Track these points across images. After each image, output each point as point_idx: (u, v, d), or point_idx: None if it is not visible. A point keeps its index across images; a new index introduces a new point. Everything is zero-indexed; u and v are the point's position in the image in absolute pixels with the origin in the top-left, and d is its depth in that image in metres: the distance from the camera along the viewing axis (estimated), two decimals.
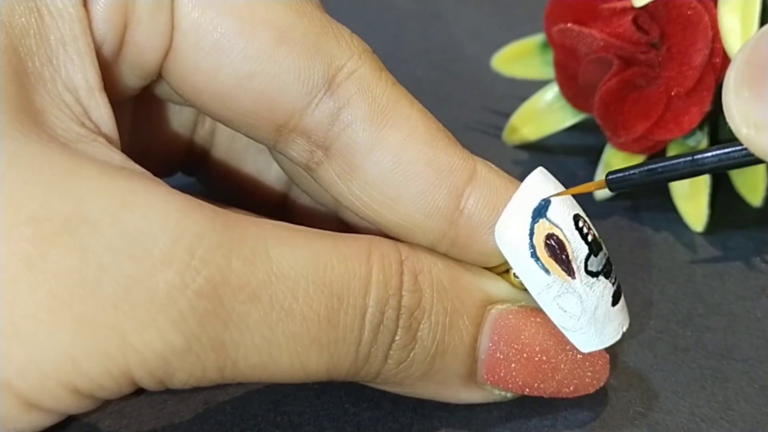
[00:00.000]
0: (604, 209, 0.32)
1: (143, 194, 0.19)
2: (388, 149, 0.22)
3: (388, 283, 0.21)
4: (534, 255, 0.22)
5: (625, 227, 0.32)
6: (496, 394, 0.24)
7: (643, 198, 0.33)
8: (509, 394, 0.24)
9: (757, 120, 0.18)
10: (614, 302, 0.23)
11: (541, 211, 0.22)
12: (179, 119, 0.27)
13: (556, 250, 0.22)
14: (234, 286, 0.19)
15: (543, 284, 0.22)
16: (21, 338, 0.18)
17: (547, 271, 0.22)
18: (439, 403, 0.24)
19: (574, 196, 0.23)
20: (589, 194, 0.33)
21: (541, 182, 0.22)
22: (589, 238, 0.22)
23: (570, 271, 0.22)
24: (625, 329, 0.23)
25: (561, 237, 0.22)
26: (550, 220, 0.22)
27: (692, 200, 0.31)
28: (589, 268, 0.22)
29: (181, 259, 0.19)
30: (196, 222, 0.19)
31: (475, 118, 0.38)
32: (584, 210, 0.23)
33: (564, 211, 0.22)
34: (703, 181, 0.31)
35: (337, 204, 0.25)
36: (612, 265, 0.23)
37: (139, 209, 0.19)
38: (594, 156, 0.33)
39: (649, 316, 0.28)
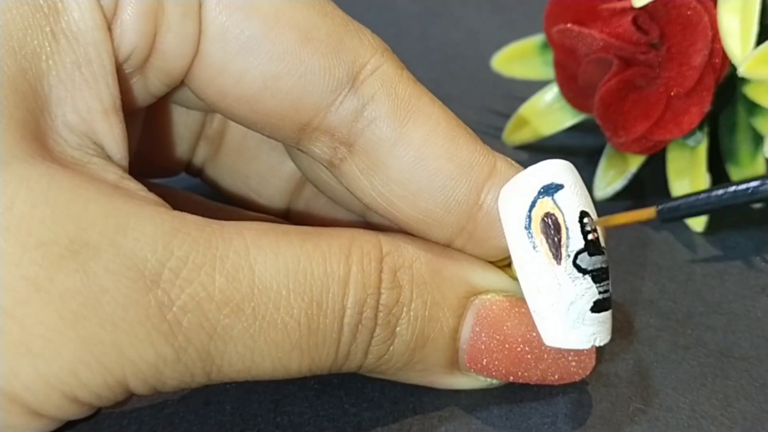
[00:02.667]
0: (605, 209, 0.32)
1: (135, 216, 0.20)
2: (411, 145, 0.22)
3: (366, 283, 0.22)
4: (528, 227, 0.22)
5: (624, 227, 0.31)
6: (482, 380, 0.24)
7: (642, 198, 0.33)
8: (495, 381, 0.24)
9: None
10: (595, 309, 0.22)
11: (549, 190, 0.22)
12: (186, 120, 0.27)
13: (551, 229, 0.22)
14: (218, 301, 0.20)
15: (527, 258, 0.22)
16: (30, 356, 0.19)
17: (534, 246, 0.22)
18: (438, 403, 0.24)
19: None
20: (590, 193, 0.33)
21: (561, 170, 0.22)
22: (590, 236, 0.22)
23: (557, 256, 0.22)
24: (599, 343, 0.22)
25: (560, 220, 0.22)
26: (555, 202, 0.22)
27: None
28: (578, 263, 0.22)
29: (167, 279, 0.20)
30: (181, 243, 0.20)
31: (474, 118, 0.38)
32: None
33: (573, 201, 0.22)
34: (703, 182, 0.31)
35: (352, 202, 0.26)
36: (608, 276, 0.23)
37: (132, 233, 0.20)
38: (594, 156, 0.34)
39: (650, 314, 0.28)
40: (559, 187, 0.22)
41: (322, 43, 0.22)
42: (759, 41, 0.28)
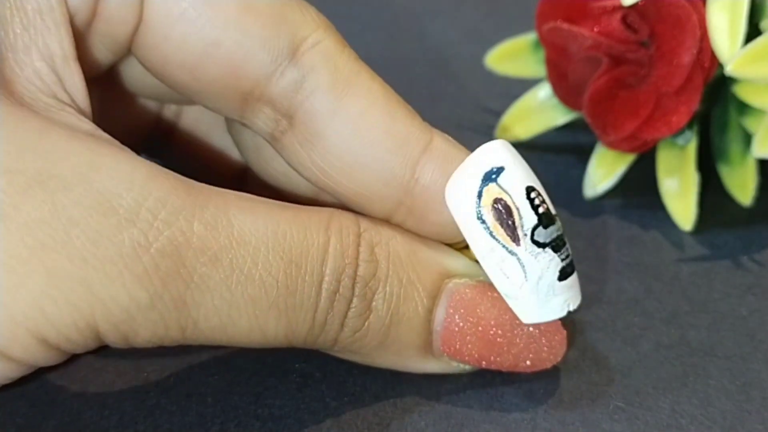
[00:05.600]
0: (593, 207, 0.32)
1: (110, 156, 0.20)
2: (348, 117, 0.23)
3: (345, 253, 0.22)
4: (480, 217, 0.22)
5: (613, 225, 0.32)
6: (455, 366, 0.24)
7: (632, 196, 0.33)
8: (468, 366, 0.24)
9: None
10: (561, 277, 0.23)
11: (491, 176, 0.22)
12: (145, 101, 0.27)
13: (503, 214, 0.22)
14: (196, 248, 0.20)
15: (487, 247, 0.22)
16: None
17: (492, 234, 0.22)
18: (419, 398, 0.24)
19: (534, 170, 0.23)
20: (579, 192, 0.33)
21: (497, 151, 0.23)
22: (540, 209, 0.22)
23: (515, 238, 0.22)
24: (572, 308, 0.23)
25: (509, 203, 0.22)
26: (500, 186, 0.22)
27: (681, 199, 0.31)
28: (536, 238, 0.22)
29: (145, 218, 0.20)
30: (160, 186, 0.20)
31: (467, 116, 0.38)
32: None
33: (516, 180, 0.22)
34: (692, 180, 0.31)
35: (291, 182, 0.26)
36: (565, 241, 0.23)
37: (106, 170, 0.20)
38: (586, 154, 0.33)
39: (634, 313, 0.28)
40: (500, 170, 0.22)
41: (263, 13, 0.22)
42: (747, 40, 0.28)
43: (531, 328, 0.23)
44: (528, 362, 0.24)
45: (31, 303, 0.19)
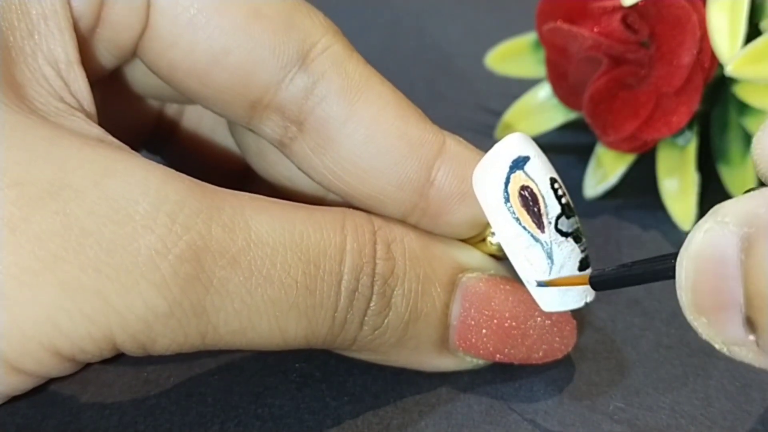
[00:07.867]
0: (594, 207, 0.32)
1: (123, 163, 0.20)
2: (361, 123, 0.23)
3: (362, 251, 0.22)
4: (507, 202, 0.22)
5: (613, 226, 0.32)
6: (468, 361, 0.24)
7: (632, 197, 0.33)
8: (481, 361, 0.24)
9: (724, 339, 0.19)
10: (581, 268, 0.23)
11: (519, 163, 0.23)
12: (147, 99, 0.27)
13: (529, 201, 0.22)
14: (214, 251, 0.20)
15: (513, 233, 0.22)
16: (4, 300, 0.18)
17: (518, 220, 0.22)
18: (419, 398, 0.24)
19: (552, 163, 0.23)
20: (579, 192, 0.33)
21: (524, 141, 0.23)
22: (563, 200, 0.23)
23: (540, 225, 0.22)
24: (589, 300, 0.23)
25: (535, 191, 0.22)
26: (526, 174, 0.22)
27: (681, 199, 0.31)
28: (560, 227, 0.22)
29: (163, 224, 0.19)
30: (176, 189, 0.20)
31: (468, 116, 0.38)
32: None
33: (541, 170, 0.23)
34: (692, 181, 0.31)
35: (295, 184, 0.26)
36: (582, 234, 0.23)
37: (120, 176, 0.19)
38: (586, 155, 0.34)
39: (634, 314, 0.28)
40: (526, 158, 0.23)
41: (272, 20, 0.22)
42: (747, 41, 0.28)
43: (544, 319, 0.24)
44: (540, 353, 0.24)
45: (44, 316, 0.19)
